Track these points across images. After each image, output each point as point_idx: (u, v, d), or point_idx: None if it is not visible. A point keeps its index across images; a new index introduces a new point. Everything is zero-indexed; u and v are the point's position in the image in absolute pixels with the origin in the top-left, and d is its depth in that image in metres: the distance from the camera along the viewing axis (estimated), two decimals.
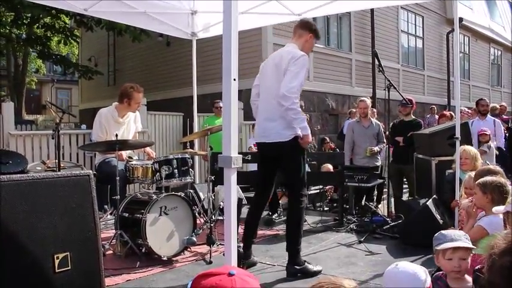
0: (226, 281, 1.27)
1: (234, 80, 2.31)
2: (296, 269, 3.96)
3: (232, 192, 2.27)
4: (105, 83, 16.42)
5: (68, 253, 2.25)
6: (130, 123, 5.44)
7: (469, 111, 9.25)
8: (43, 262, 2.18)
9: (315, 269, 4.03)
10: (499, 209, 2.80)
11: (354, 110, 8.54)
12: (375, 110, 10.00)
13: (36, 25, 14.41)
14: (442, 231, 2.54)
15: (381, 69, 5.68)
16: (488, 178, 3.25)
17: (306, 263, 4.02)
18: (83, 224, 2.38)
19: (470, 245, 2.39)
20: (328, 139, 10.61)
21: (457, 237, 2.41)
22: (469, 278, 2.38)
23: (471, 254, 2.43)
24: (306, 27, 4.33)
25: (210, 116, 8.44)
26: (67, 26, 15.47)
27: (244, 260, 4.08)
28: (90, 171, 2.50)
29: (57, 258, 2.19)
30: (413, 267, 2.04)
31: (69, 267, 2.23)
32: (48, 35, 15.21)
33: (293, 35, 4.39)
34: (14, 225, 2.09)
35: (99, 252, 2.39)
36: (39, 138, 7.27)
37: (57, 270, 2.21)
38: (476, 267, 2.65)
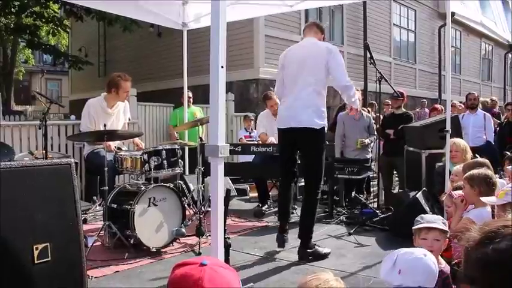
0: (196, 271, 1.27)
1: (222, 67, 2.26)
2: (308, 252, 4.18)
3: (219, 182, 2.24)
4: (95, 73, 16.28)
5: (48, 244, 2.19)
6: (119, 114, 5.39)
7: (462, 105, 9.29)
8: (22, 253, 2.13)
9: (324, 251, 4.26)
10: (491, 199, 2.80)
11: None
12: (374, 103, 10.03)
13: (24, 13, 14.18)
14: (422, 215, 2.73)
15: (372, 61, 5.67)
16: (474, 171, 3.26)
17: (316, 246, 4.25)
18: (63, 214, 2.32)
19: (443, 228, 2.58)
20: None
21: (433, 220, 2.61)
22: (441, 260, 2.51)
23: (446, 238, 2.61)
24: (320, 28, 4.58)
25: (180, 107, 8.00)
26: (56, 15, 15.28)
27: (283, 236, 4.40)
28: (72, 159, 2.44)
29: (37, 249, 2.14)
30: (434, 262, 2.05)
31: (49, 258, 2.17)
32: (37, 24, 15.01)
33: (308, 30, 4.56)
34: None
35: (80, 243, 2.33)
36: (27, 128, 7.17)
37: (36, 262, 2.15)
38: (454, 262, 2.67)
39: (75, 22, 14.48)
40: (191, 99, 7.86)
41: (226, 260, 3.25)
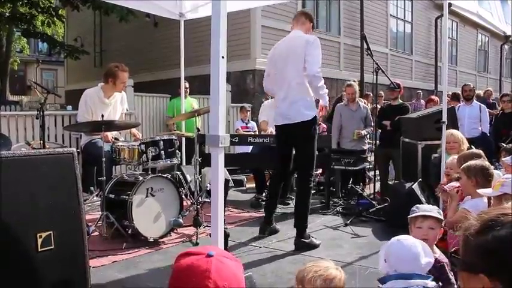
0: (203, 262, 1.27)
1: (223, 57, 2.27)
2: (304, 242, 4.29)
3: (219, 172, 2.25)
4: (91, 63, 16.18)
5: (51, 232, 2.21)
6: (116, 104, 5.37)
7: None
8: (25, 241, 2.14)
9: (317, 242, 4.37)
10: (486, 191, 2.82)
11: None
12: (370, 94, 10.06)
13: (20, 2, 14.05)
14: (418, 205, 2.79)
15: (369, 52, 5.67)
16: (471, 162, 3.28)
17: (311, 237, 4.36)
18: (66, 203, 2.33)
19: (439, 216, 2.61)
20: None
21: (429, 209, 2.67)
22: (436, 249, 2.55)
23: (441, 227, 2.65)
24: (308, 17, 4.61)
25: (177, 98, 7.93)
26: (52, 5, 15.15)
27: (267, 226, 4.65)
28: (74, 149, 2.44)
29: (40, 237, 2.15)
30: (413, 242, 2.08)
31: (52, 246, 2.18)
32: (33, 13, 14.89)
33: (295, 22, 4.61)
34: None
35: (83, 232, 2.34)
36: (23, 119, 7.15)
37: (40, 249, 2.17)
38: (452, 249, 2.71)
39: (71, 12, 14.34)
40: (188, 90, 7.84)
41: (225, 250, 3.26)
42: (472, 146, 5.09)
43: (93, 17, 15.55)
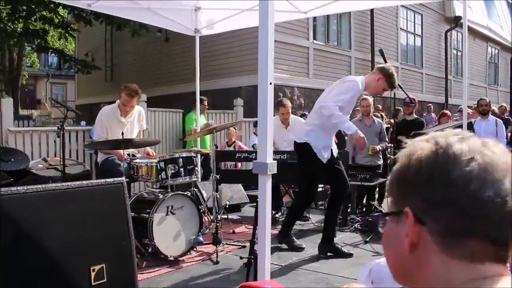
0: None
1: (270, 83, 2.26)
2: (327, 247, 4.56)
3: (267, 198, 2.23)
4: (102, 78, 16.29)
5: (104, 265, 2.17)
6: (134, 122, 5.33)
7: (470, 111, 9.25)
8: (80, 275, 2.09)
9: (346, 251, 4.59)
10: None
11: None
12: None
13: (33, 18, 14.22)
14: None
15: None
16: None
17: (337, 245, 4.64)
18: (117, 234, 2.30)
19: None
20: None
21: None
22: None
23: None
24: (380, 69, 4.59)
25: (192, 112, 8.04)
26: (65, 20, 15.33)
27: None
28: (123, 178, 2.41)
29: (93, 270, 2.11)
30: None
31: (105, 280, 2.13)
32: (46, 28, 15.06)
33: None
34: (48, 236, 1.99)
35: (133, 263, 2.31)
36: (38, 134, 7.19)
37: (93, 283, 2.11)
38: None
39: (84, 27, 14.51)
40: (206, 107, 7.89)
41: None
42: None
43: (104, 32, 15.71)
